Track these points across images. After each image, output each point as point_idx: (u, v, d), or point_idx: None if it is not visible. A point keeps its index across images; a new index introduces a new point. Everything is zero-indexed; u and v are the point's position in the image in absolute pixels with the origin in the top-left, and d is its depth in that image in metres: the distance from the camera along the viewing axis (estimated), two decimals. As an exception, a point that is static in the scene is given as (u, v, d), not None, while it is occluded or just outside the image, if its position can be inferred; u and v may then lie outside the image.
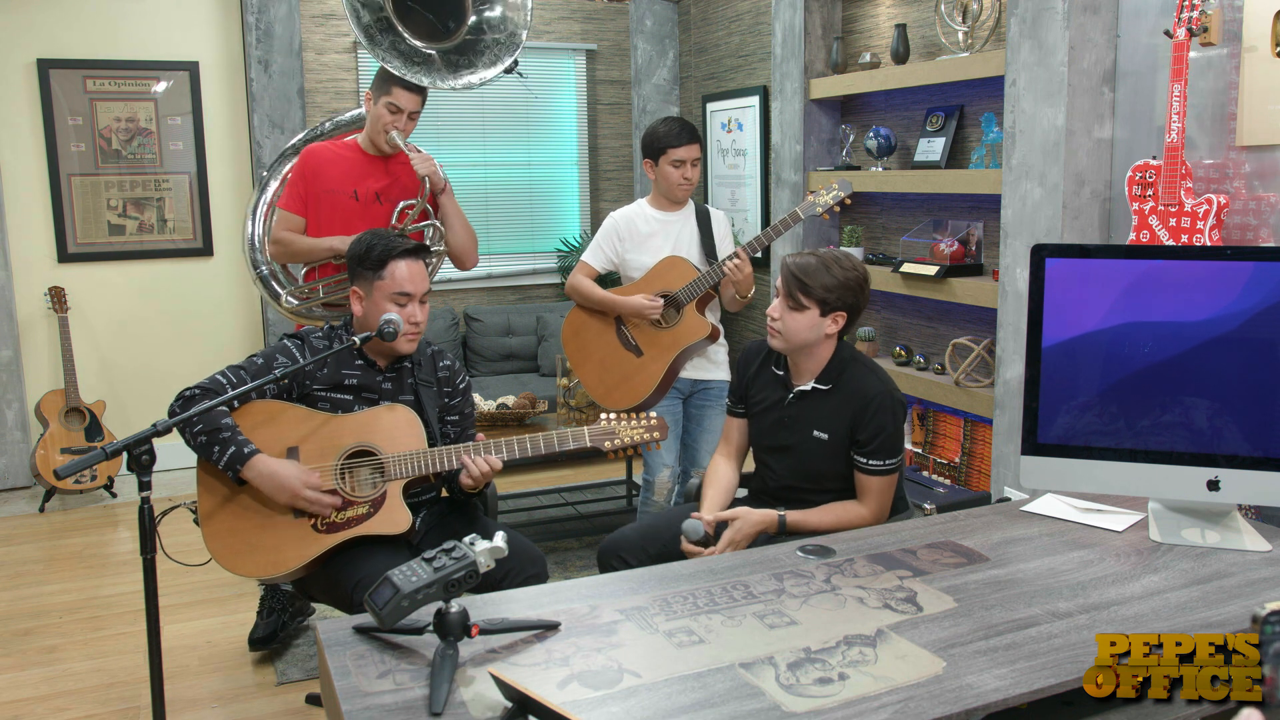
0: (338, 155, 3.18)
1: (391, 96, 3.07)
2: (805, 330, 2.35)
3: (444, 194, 3.17)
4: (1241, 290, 1.98)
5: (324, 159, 3.16)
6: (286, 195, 3.19)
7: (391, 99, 3.07)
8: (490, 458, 2.37)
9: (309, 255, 3.15)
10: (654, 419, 2.47)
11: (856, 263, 2.40)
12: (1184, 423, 2.04)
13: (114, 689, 2.97)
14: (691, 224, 3.39)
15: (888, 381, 2.40)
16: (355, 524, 2.33)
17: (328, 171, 3.14)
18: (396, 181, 3.18)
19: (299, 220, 3.15)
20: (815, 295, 2.33)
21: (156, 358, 5.13)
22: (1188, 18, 2.62)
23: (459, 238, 3.22)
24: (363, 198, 3.15)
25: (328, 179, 3.13)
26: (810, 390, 2.42)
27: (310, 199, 3.14)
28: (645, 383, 3.27)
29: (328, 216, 3.13)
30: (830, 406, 2.39)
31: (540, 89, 5.91)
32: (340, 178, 3.14)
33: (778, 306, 2.38)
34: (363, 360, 2.49)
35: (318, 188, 3.13)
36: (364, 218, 3.12)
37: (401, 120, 3.10)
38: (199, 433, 2.27)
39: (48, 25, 4.84)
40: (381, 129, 3.10)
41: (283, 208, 3.18)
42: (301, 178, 3.15)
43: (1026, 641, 1.60)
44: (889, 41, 4.06)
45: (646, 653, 1.58)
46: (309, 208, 3.14)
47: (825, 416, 2.39)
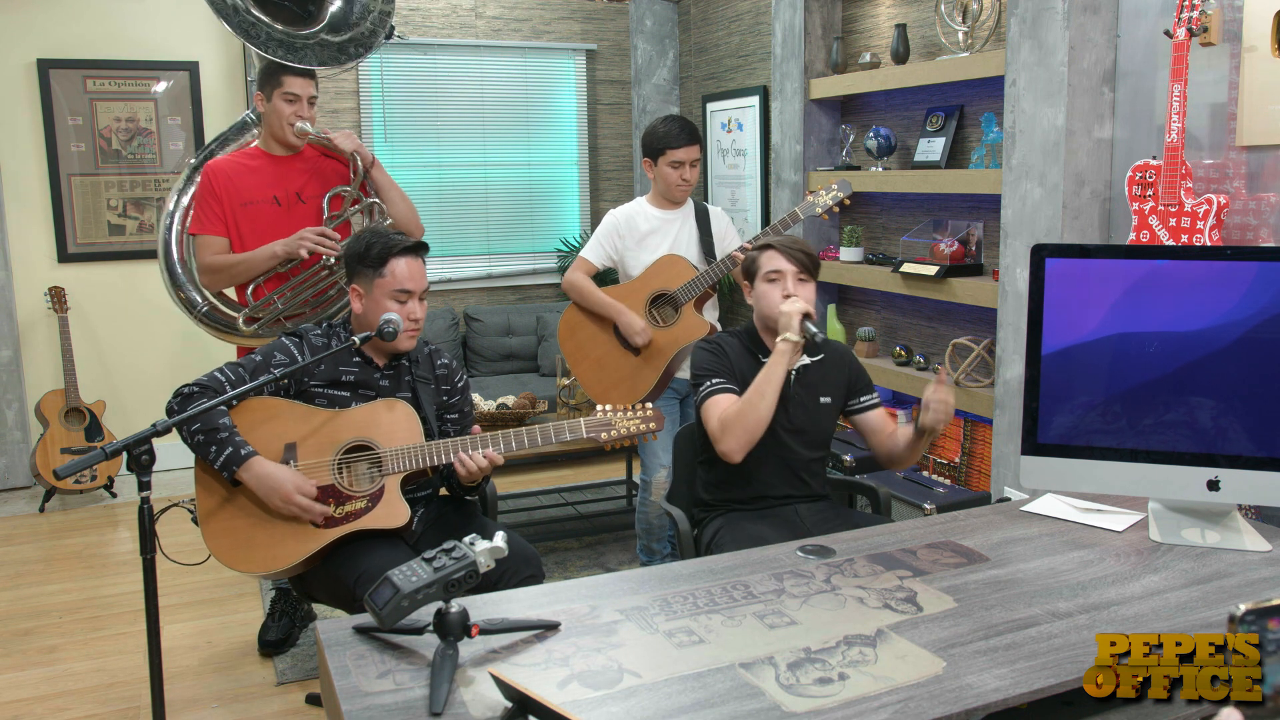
0: (245, 165, 3.05)
1: (284, 86, 2.98)
2: (814, 298, 2.51)
3: (374, 168, 3.07)
4: (1241, 291, 1.98)
5: (232, 172, 3.02)
6: (200, 219, 3.03)
7: (285, 89, 2.98)
8: (489, 452, 2.37)
9: (251, 271, 3.00)
10: (650, 410, 2.47)
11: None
12: (1184, 422, 2.04)
13: (114, 689, 2.97)
14: (691, 222, 3.39)
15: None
16: (353, 518, 2.33)
17: (240, 184, 3.01)
18: (315, 175, 3.08)
19: (222, 241, 3.01)
20: (815, 263, 2.53)
21: (156, 358, 5.13)
22: (1188, 18, 2.62)
23: (399, 209, 3.10)
24: (285, 201, 3.04)
25: (243, 191, 3.01)
26: (807, 365, 2.56)
27: (229, 216, 3.00)
28: (643, 382, 3.27)
29: (251, 229, 3.01)
30: (826, 373, 2.57)
31: (540, 89, 5.92)
32: (256, 187, 3.02)
33: (794, 285, 2.46)
34: (360, 358, 2.50)
35: (234, 202, 3.00)
36: (290, 221, 3.02)
37: (303, 108, 3.00)
38: (196, 431, 2.28)
39: (48, 25, 4.84)
40: (286, 123, 3.00)
41: (201, 233, 3.01)
42: (213, 196, 3.00)
43: (1026, 641, 1.60)
44: (889, 41, 4.06)
45: (646, 653, 1.58)
46: (229, 226, 3.01)
47: (826, 383, 2.57)
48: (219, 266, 3.01)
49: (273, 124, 3.03)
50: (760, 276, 2.50)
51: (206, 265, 3.02)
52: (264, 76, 3.02)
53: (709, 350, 2.54)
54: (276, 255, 2.96)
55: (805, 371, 2.55)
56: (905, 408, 4.06)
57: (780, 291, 2.45)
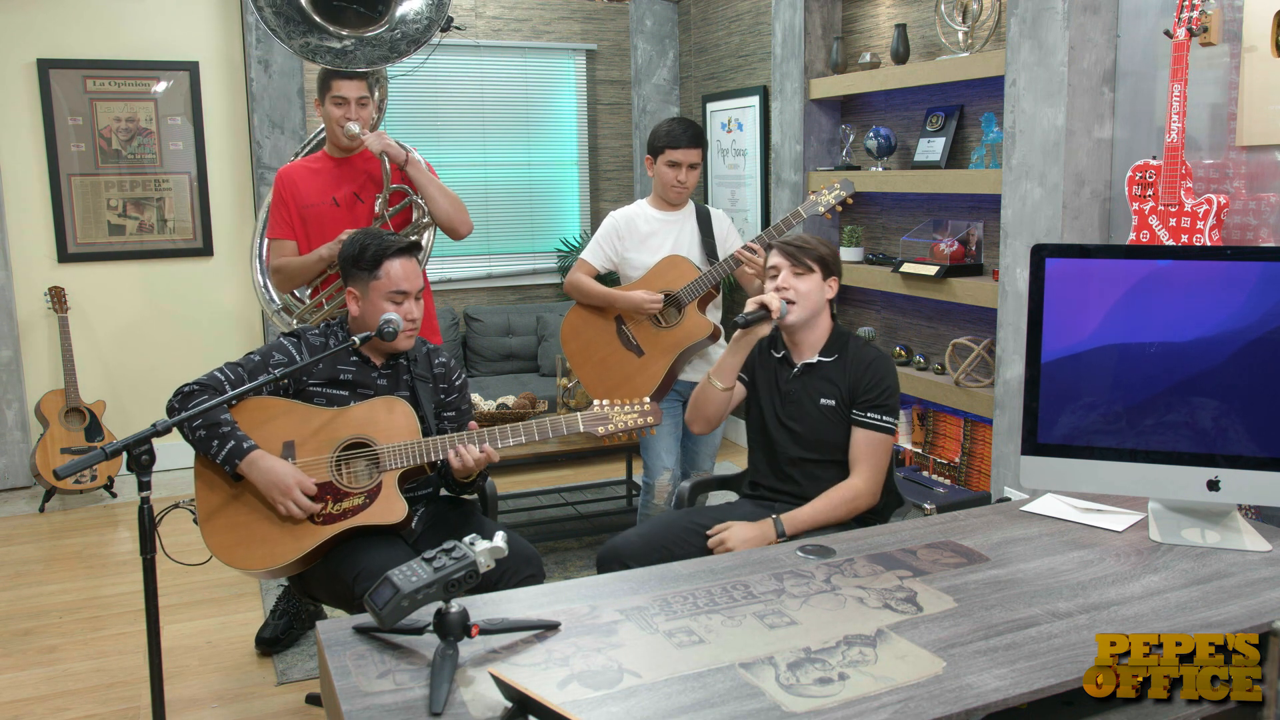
0: (308, 170, 3.17)
1: (333, 90, 3.07)
2: (816, 293, 2.49)
3: (409, 165, 3.11)
4: (1242, 291, 1.98)
5: (296, 177, 3.15)
6: (272, 224, 3.17)
7: (333, 93, 3.07)
8: (486, 447, 2.37)
9: (305, 273, 3.13)
10: (648, 404, 2.46)
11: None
12: (1183, 423, 2.04)
13: (114, 689, 2.97)
14: (692, 224, 3.38)
15: (882, 351, 2.58)
16: (351, 515, 2.33)
17: (303, 188, 3.13)
18: (370, 176, 3.16)
19: (291, 244, 3.13)
20: (813, 255, 2.49)
21: (156, 358, 5.13)
22: (1188, 18, 2.62)
23: (441, 206, 3.14)
24: (343, 202, 3.13)
25: (305, 195, 3.12)
26: (815, 363, 2.53)
27: (295, 220, 3.13)
28: (646, 383, 3.27)
29: (315, 230, 3.12)
30: (835, 375, 2.50)
31: (540, 89, 5.92)
32: (317, 190, 3.13)
33: (786, 278, 2.48)
34: (357, 357, 2.50)
35: (298, 206, 3.12)
36: (350, 221, 3.11)
37: (351, 109, 3.07)
38: (197, 428, 2.29)
39: (48, 25, 4.84)
40: (336, 125, 3.08)
41: (272, 237, 3.17)
42: (281, 202, 3.14)
43: (1026, 641, 1.60)
44: (889, 41, 4.06)
45: (646, 653, 1.58)
46: (296, 229, 3.13)
47: (831, 385, 2.50)
48: (282, 269, 3.14)
49: (328, 127, 3.14)
50: (766, 275, 2.59)
51: (273, 268, 3.19)
52: (318, 83, 3.13)
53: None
54: (323, 258, 3.05)
55: (807, 370, 2.53)
56: (905, 407, 4.06)
57: (773, 285, 2.51)
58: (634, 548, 2.47)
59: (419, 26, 3.27)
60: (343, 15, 3.25)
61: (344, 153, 3.16)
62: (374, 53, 3.20)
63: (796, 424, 2.52)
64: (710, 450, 3.47)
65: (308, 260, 3.08)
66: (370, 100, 3.14)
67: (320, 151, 3.24)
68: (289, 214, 3.13)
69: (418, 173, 3.12)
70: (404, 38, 3.26)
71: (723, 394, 2.53)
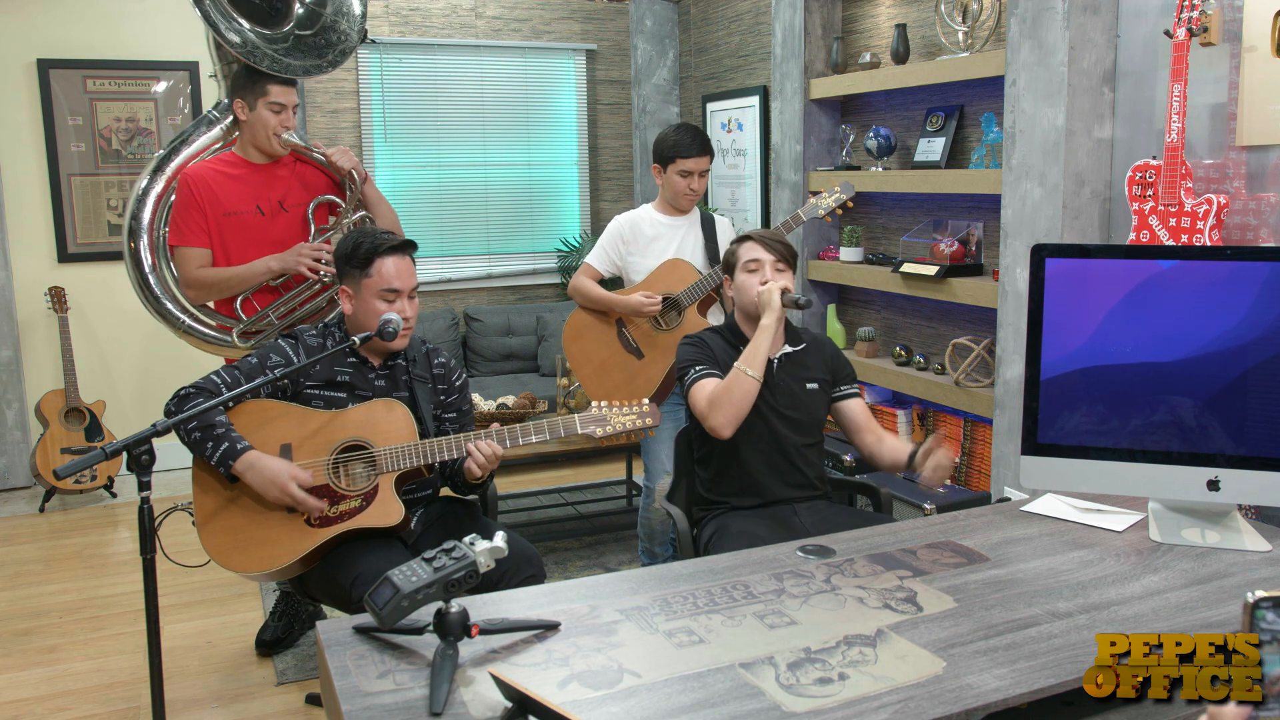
0: (225, 174, 2.97)
1: (270, 96, 2.92)
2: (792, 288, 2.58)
3: (366, 183, 3.06)
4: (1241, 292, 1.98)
5: (213, 180, 2.94)
6: (182, 231, 2.93)
7: (271, 99, 2.93)
8: (491, 443, 2.38)
9: (242, 285, 2.95)
10: (646, 405, 2.46)
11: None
12: (1183, 423, 2.04)
13: (114, 689, 2.97)
14: (696, 230, 3.39)
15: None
16: (348, 517, 2.33)
17: (222, 193, 2.94)
18: (296, 182, 3.04)
19: (205, 253, 2.94)
20: (793, 254, 2.62)
21: (156, 358, 5.12)
22: (1188, 18, 2.62)
23: (387, 222, 3.07)
24: (268, 210, 2.99)
25: (225, 201, 2.94)
26: (791, 353, 2.61)
27: (211, 227, 2.93)
28: (646, 385, 3.27)
29: (236, 240, 2.95)
30: (809, 361, 2.63)
31: (540, 89, 5.92)
32: (239, 196, 2.96)
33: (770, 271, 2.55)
34: (355, 358, 2.50)
35: (216, 213, 2.93)
36: (274, 230, 2.98)
37: (288, 117, 2.96)
38: (193, 429, 2.28)
39: (48, 25, 4.84)
40: (272, 133, 2.94)
41: (183, 245, 2.93)
42: (195, 207, 2.91)
43: (1026, 641, 1.60)
44: (889, 41, 4.06)
45: (646, 653, 1.58)
46: (213, 237, 2.94)
47: (810, 369, 2.62)
48: (207, 281, 2.94)
49: (256, 133, 2.96)
50: (740, 268, 2.59)
51: (193, 279, 2.94)
52: (244, 84, 2.95)
53: (691, 344, 2.61)
54: (271, 270, 2.93)
55: (788, 359, 2.59)
56: (905, 408, 4.06)
57: (759, 279, 2.53)
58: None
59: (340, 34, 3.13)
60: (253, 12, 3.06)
61: (266, 158, 3.01)
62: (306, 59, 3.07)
63: (794, 411, 2.56)
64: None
65: (250, 271, 2.92)
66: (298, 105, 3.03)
67: (229, 154, 3.04)
68: (205, 220, 2.92)
69: (372, 190, 3.08)
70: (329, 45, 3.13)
71: (756, 385, 2.44)
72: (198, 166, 3.01)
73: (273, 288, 3.01)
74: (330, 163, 3.03)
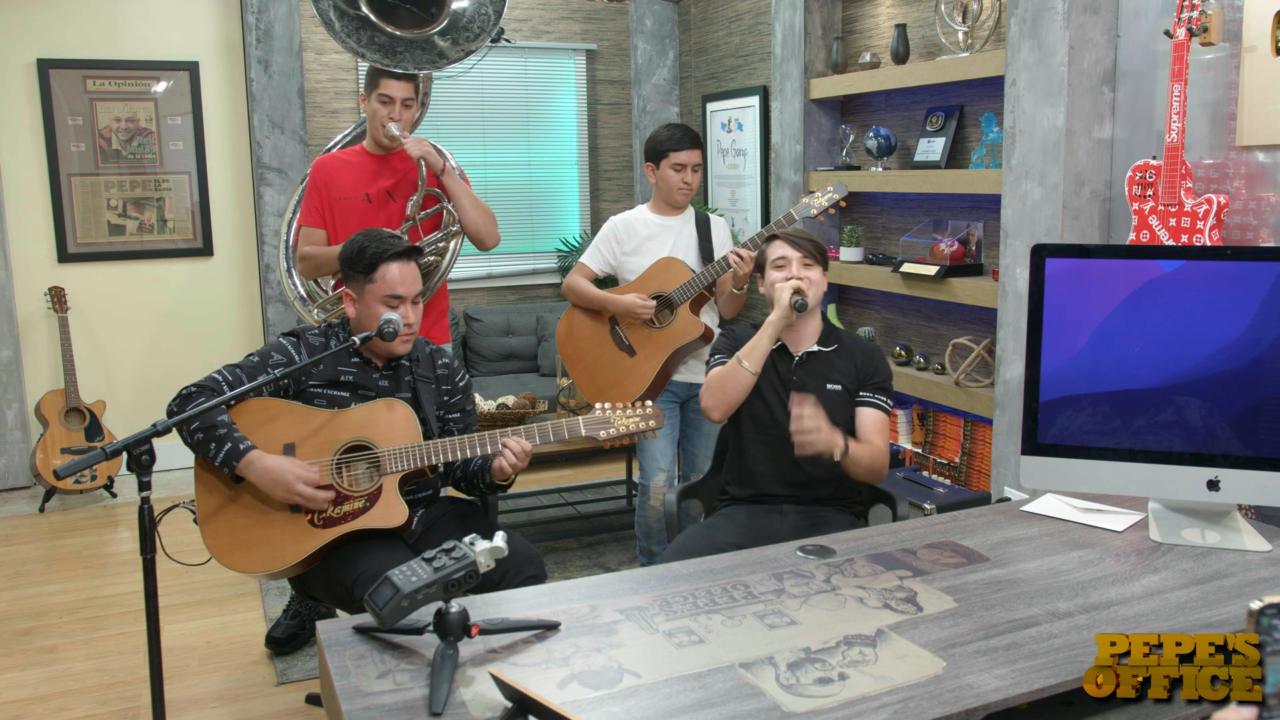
0: (345, 162, 3.20)
1: (380, 88, 3.10)
2: (820, 284, 2.58)
3: (445, 174, 3.15)
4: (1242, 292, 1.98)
5: (333, 168, 3.18)
6: (304, 212, 3.20)
7: (380, 90, 3.09)
8: (522, 440, 2.37)
9: (330, 265, 3.14)
10: (650, 408, 2.46)
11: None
12: (1183, 423, 2.04)
13: (114, 689, 2.97)
14: (691, 229, 3.39)
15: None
16: (351, 518, 2.33)
17: (338, 179, 3.16)
18: (406, 176, 3.19)
19: (320, 233, 3.16)
20: (819, 248, 2.59)
21: (156, 358, 5.13)
22: (1188, 18, 2.62)
23: (471, 217, 3.19)
24: (375, 199, 3.16)
25: (339, 187, 3.15)
26: (815, 351, 2.60)
27: (326, 210, 3.16)
28: (638, 383, 3.28)
29: (344, 223, 3.14)
30: (837, 362, 2.59)
31: (540, 89, 5.92)
32: (350, 183, 3.16)
33: (798, 269, 2.55)
34: (359, 358, 2.50)
35: (331, 197, 3.15)
36: (380, 218, 3.14)
37: (395, 110, 3.10)
38: (195, 430, 2.28)
39: (48, 25, 4.84)
40: (379, 124, 3.11)
41: (303, 224, 3.19)
42: (315, 190, 3.17)
43: (1026, 641, 1.60)
44: (889, 41, 4.06)
45: (646, 653, 1.58)
46: (326, 219, 3.16)
47: (835, 370, 2.58)
48: (309, 256, 3.16)
49: (370, 123, 3.16)
50: (769, 265, 2.63)
51: (301, 254, 3.19)
52: (367, 78, 3.15)
53: (725, 336, 2.70)
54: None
55: (810, 357, 2.58)
56: (905, 408, 4.06)
57: (784, 275, 2.56)
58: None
59: (469, 35, 3.28)
60: (395, 14, 3.26)
61: (383, 150, 3.18)
62: (423, 56, 3.21)
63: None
64: (708, 452, 3.47)
65: (332, 253, 3.09)
66: (415, 102, 3.16)
67: (359, 145, 3.26)
68: (321, 203, 3.15)
69: (452, 181, 3.17)
70: (454, 44, 3.27)
71: (750, 377, 2.52)
72: (328, 155, 3.29)
73: None
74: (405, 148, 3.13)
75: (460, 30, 3.29)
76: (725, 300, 3.28)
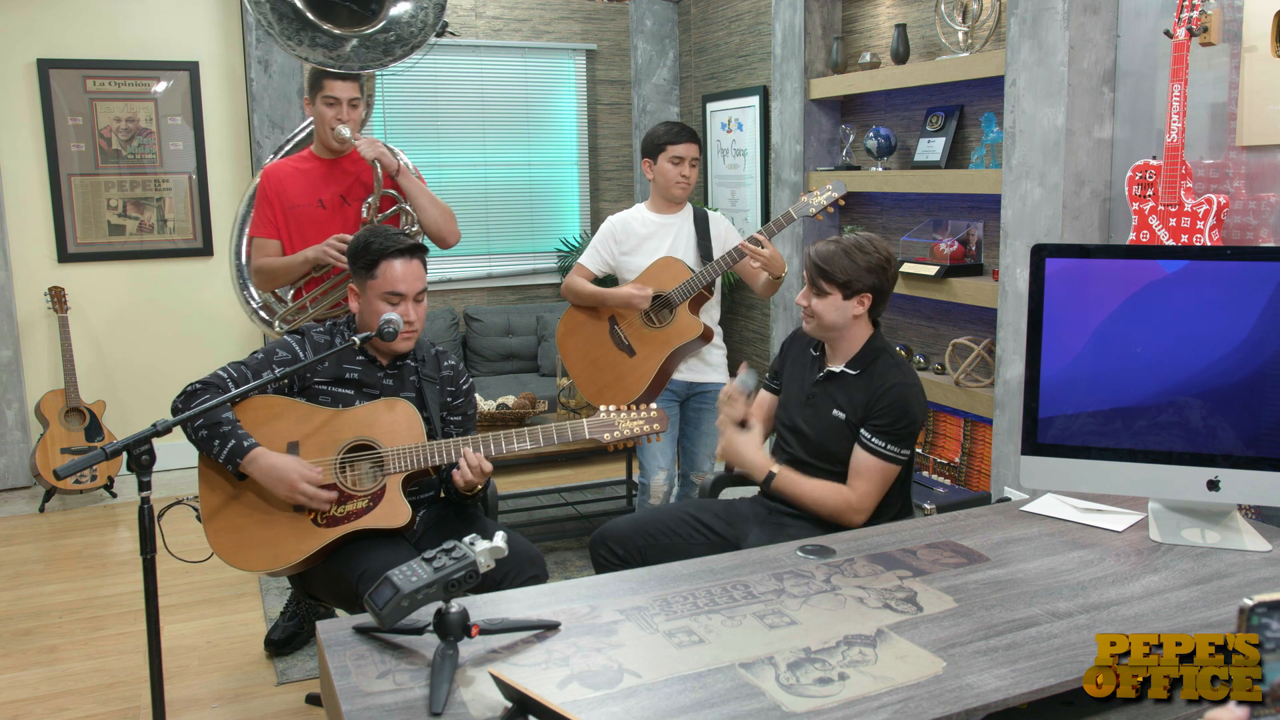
0: (295, 169, 3.12)
1: (325, 90, 3.02)
2: (833, 313, 2.43)
3: (400, 175, 3.08)
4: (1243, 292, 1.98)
5: (282, 176, 3.10)
6: (256, 222, 3.12)
7: (325, 93, 3.02)
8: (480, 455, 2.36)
9: (288, 274, 3.08)
10: (654, 411, 2.46)
11: (879, 245, 2.44)
12: (1183, 423, 2.04)
13: (114, 689, 2.97)
14: (689, 226, 3.39)
15: (912, 376, 2.42)
16: (354, 518, 2.33)
17: (289, 188, 3.08)
18: (358, 179, 3.11)
19: (274, 244, 3.08)
20: (836, 280, 2.40)
21: (156, 358, 5.13)
22: (1188, 18, 2.62)
23: (430, 216, 3.11)
24: (329, 204, 3.09)
25: (291, 195, 3.07)
26: (840, 372, 2.46)
27: (279, 220, 3.08)
28: (637, 382, 3.28)
29: (299, 231, 3.07)
30: (854, 389, 2.43)
31: (540, 89, 5.92)
32: (302, 190, 3.08)
33: (805, 294, 2.47)
34: (364, 356, 2.50)
35: (283, 206, 3.07)
36: (334, 224, 3.06)
37: (343, 111, 3.02)
38: (199, 427, 2.28)
39: (48, 25, 4.84)
40: (327, 127, 3.03)
41: (256, 235, 3.11)
42: (266, 200, 3.08)
43: (1026, 641, 1.60)
44: (889, 41, 4.06)
45: (646, 653, 1.58)
46: (280, 229, 3.08)
47: (847, 398, 2.43)
48: (265, 269, 3.09)
49: (318, 128, 3.09)
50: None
51: (256, 267, 3.13)
52: (309, 81, 3.08)
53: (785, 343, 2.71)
54: (308, 260, 3.02)
55: (831, 378, 2.47)
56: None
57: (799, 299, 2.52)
58: (621, 534, 2.52)
59: (414, 29, 3.23)
60: (334, 13, 3.20)
61: (332, 153, 3.11)
62: (368, 55, 3.16)
63: (808, 427, 2.49)
64: (708, 451, 3.47)
65: (292, 261, 3.04)
66: (361, 101, 3.09)
67: (307, 150, 3.18)
68: (274, 213, 3.07)
69: (408, 181, 3.10)
70: (399, 40, 3.22)
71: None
72: (277, 162, 3.20)
73: (317, 278, 3.11)
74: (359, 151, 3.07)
75: (404, 25, 3.22)
76: (761, 284, 3.25)
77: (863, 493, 2.35)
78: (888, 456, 2.34)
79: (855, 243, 2.43)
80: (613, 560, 2.52)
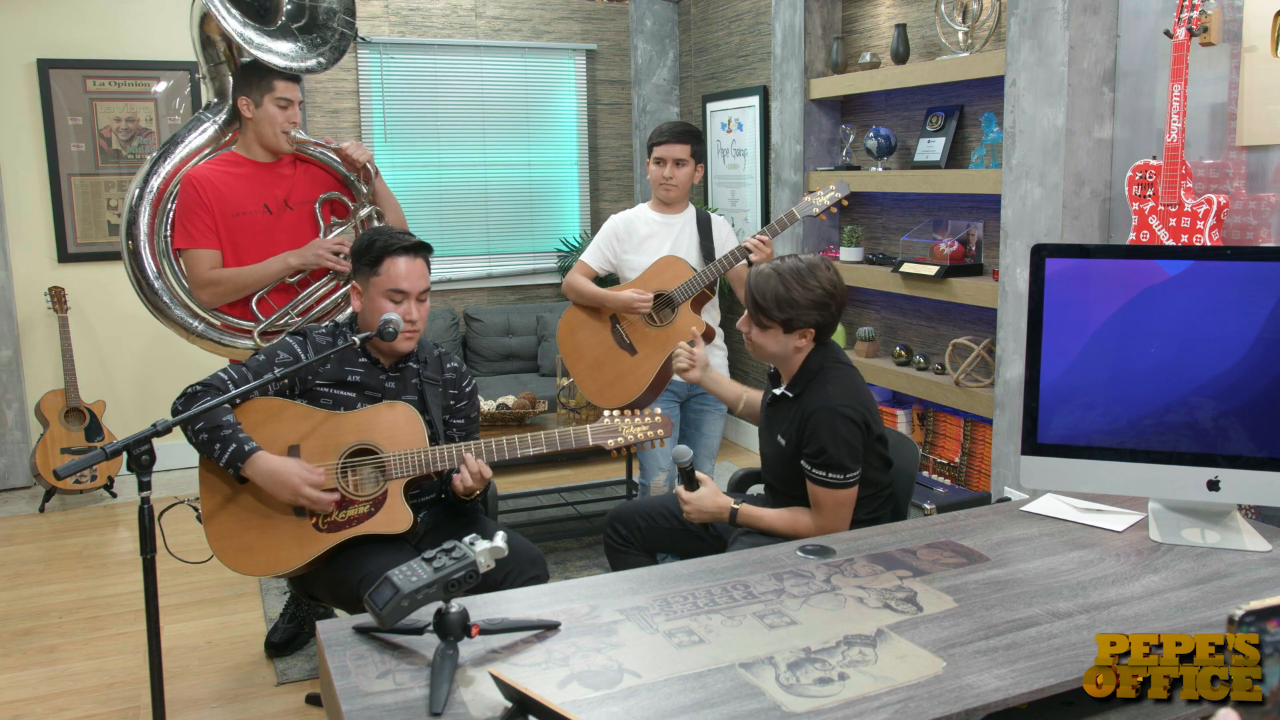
0: (231, 174, 2.94)
1: (277, 92, 2.90)
2: (772, 345, 2.35)
3: (378, 177, 3.06)
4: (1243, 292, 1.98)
5: (219, 181, 2.90)
6: (189, 233, 2.89)
7: (278, 94, 2.90)
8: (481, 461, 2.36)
9: (259, 283, 2.92)
10: (658, 416, 2.46)
11: (822, 275, 2.30)
12: (1183, 422, 2.04)
13: (114, 689, 2.97)
14: (691, 227, 3.38)
15: (838, 398, 2.28)
16: (356, 523, 2.33)
17: (230, 194, 2.90)
18: (300, 181, 3.03)
19: (215, 254, 2.90)
20: (774, 317, 2.30)
21: (156, 357, 5.12)
22: (1188, 18, 2.62)
23: (395, 217, 3.08)
24: (274, 208, 2.97)
25: (234, 202, 2.90)
26: (782, 395, 2.39)
27: (220, 228, 2.89)
28: (638, 381, 3.27)
29: (246, 240, 2.92)
30: (791, 414, 2.35)
31: (540, 89, 5.91)
32: (246, 196, 2.92)
33: (746, 321, 2.38)
34: (366, 358, 2.49)
35: (225, 213, 2.89)
36: (281, 229, 2.96)
37: (295, 113, 2.94)
38: (200, 430, 2.27)
39: (48, 25, 4.84)
40: (280, 130, 2.92)
41: (191, 248, 2.89)
42: (203, 208, 2.87)
43: (1026, 641, 1.60)
44: (889, 41, 4.06)
45: (646, 653, 1.58)
46: (222, 238, 2.90)
47: (787, 423, 2.36)
48: (220, 280, 2.91)
49: (263, 130, 2.93)
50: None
51: (206, 280, 2.91)
52: (251, 81, 2.91)
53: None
54: (290, 266, 2.93)
55: (775, 400, 2.42)
56: (905, 407, 4.06)
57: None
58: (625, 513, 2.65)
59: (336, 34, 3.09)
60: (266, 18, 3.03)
61: (270, 156, 2.99)
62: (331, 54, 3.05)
63: (767, 450, 2.47)
64: (709, 451, 3.47)
65: (266, 268, 2.91)
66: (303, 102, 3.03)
67: (231, 154, 3.01)
68: (214, 221, 2.88)
69: (382, 184, 3.08)
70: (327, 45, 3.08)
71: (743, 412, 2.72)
72: (201, 167, 2.96)
73: (288, 286, 3.01)
74: (345, 157, 3.01)
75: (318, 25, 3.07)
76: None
77: (821, 524, 2.29)
78: (833, 484, 2.26)
79: (796, 273, 2.28)
80: (616, 541, 2.63)
